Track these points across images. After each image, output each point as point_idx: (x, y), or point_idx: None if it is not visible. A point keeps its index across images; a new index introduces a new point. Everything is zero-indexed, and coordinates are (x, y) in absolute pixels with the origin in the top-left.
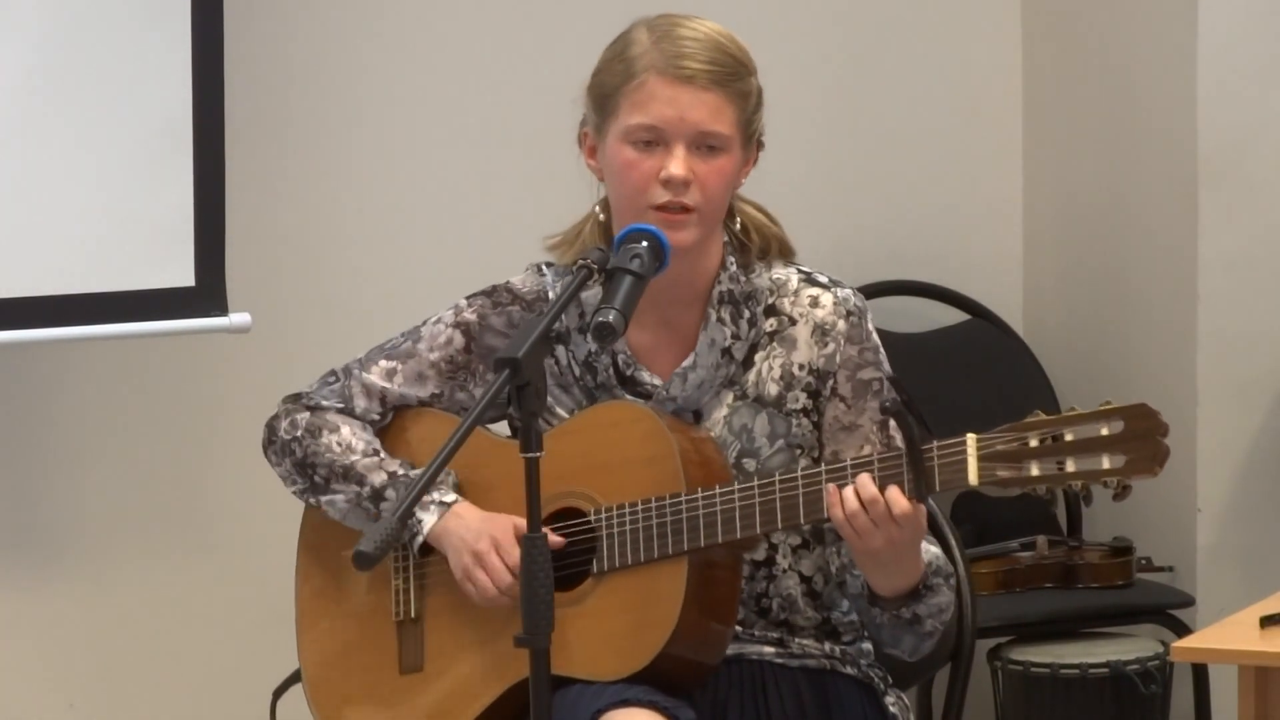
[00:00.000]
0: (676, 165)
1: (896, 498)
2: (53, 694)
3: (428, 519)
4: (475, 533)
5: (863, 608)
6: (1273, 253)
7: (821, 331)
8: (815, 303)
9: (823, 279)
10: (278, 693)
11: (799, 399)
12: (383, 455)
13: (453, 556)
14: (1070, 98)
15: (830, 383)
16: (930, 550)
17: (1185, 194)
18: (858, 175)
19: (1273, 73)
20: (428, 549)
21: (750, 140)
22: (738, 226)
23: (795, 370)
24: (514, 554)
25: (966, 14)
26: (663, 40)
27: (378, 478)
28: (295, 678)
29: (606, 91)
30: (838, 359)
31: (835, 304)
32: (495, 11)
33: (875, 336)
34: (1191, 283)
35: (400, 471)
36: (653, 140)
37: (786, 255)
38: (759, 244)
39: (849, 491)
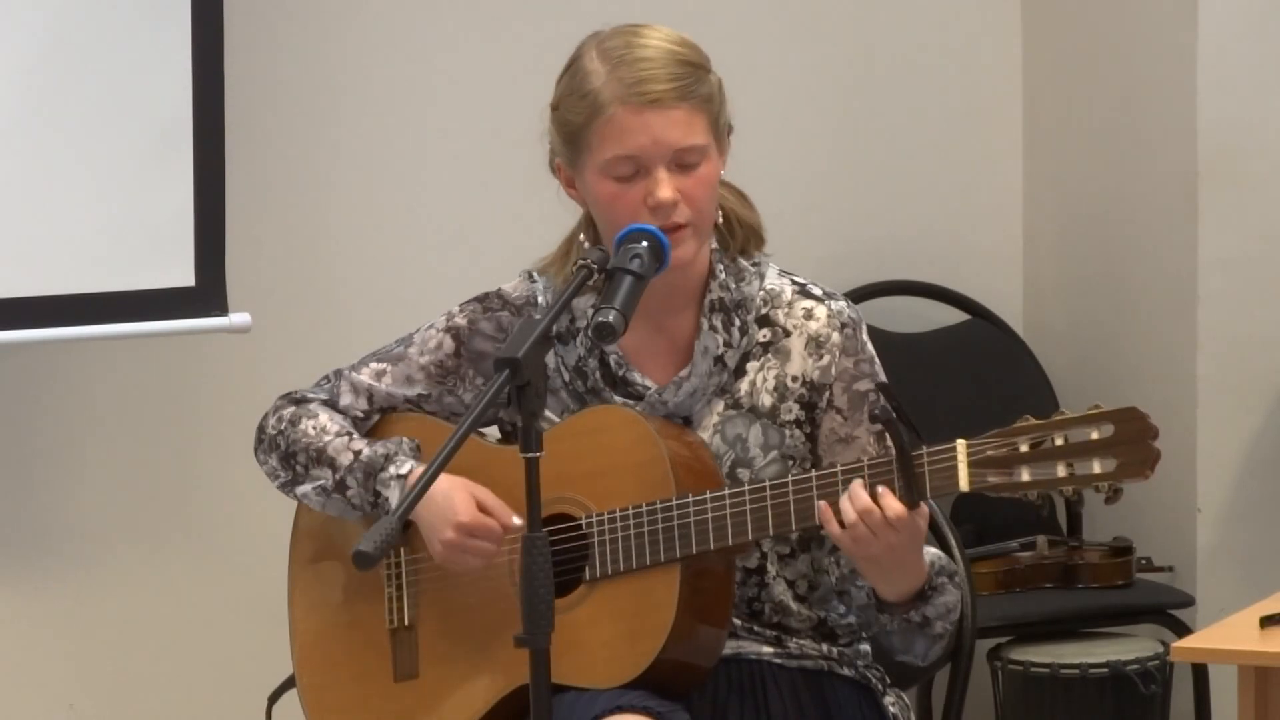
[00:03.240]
0: (662, 190)
1: (891, 503)
2: (53, 694)
3: (392, 495)
4: (441, 519)
5: (871, 617)
6: (1273, 253)
7: (816, 344)
8: (809, 315)
9: (817, 291)
10: (273, 697)
11: (792, 410)
12: (353, 435)
13: (426, 540)
14: (1070, 98)
15: (826, 395)
16: (931, 551)
17: (1185, 194)
18: (858, 175)
19: (1273, 73)
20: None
21: (723, 134)
22: (720, 220)
23: (789, 382)
24: (486, 526)
25: (966, 14)
26: (619, 66)
27: (344, 459)
28: (291, 682)
29: (573, 129)
30: (833, 371)
31: (829, 316)
32: (497, 13)
33: (870, 348)
34: (1191, 283)
35: (363, 449)
36: (633, 170)
37: (758, 245)
38: (740, 236)
39: (844, 503)
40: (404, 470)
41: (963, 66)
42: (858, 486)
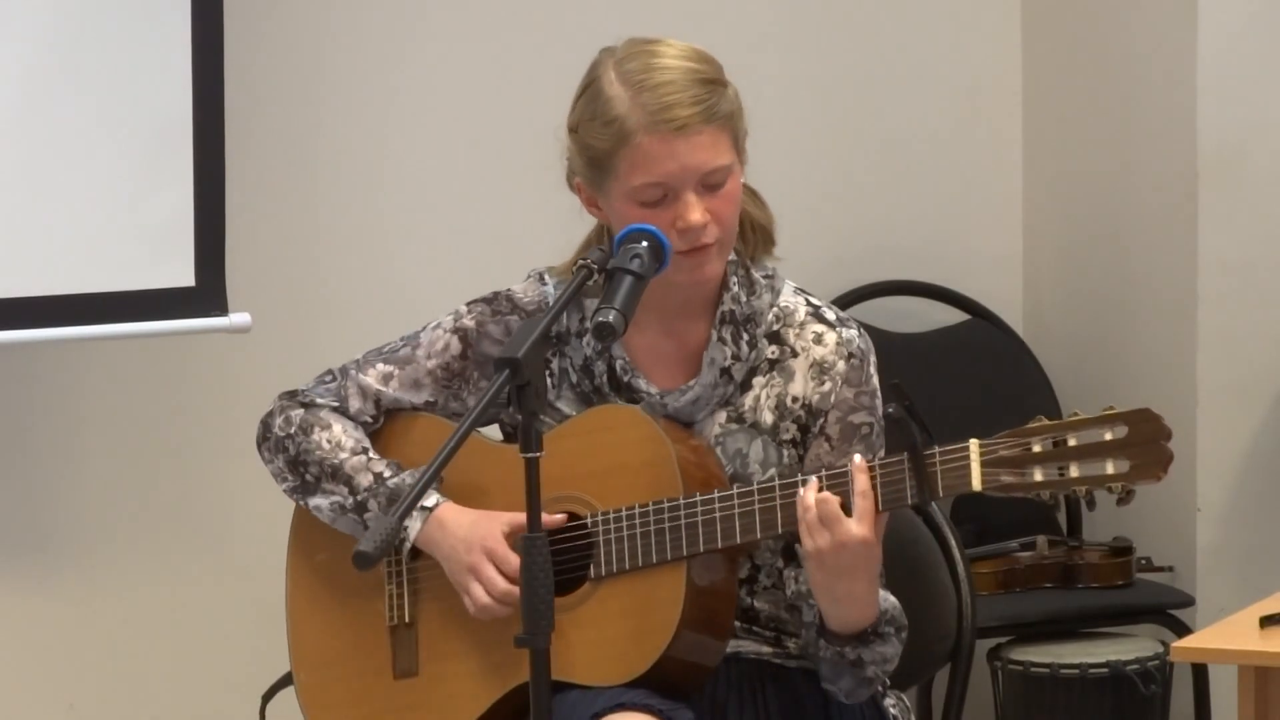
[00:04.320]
0: (693, 214)
1: (859, 501)
2: (53, 694)
3: (413, 526)
4: (465, 543)
5: (810, 639)
6: (1273, 253)
7: (820, 369)
8: (819, 339)
9: (830, 316)
10: (267, 696)
11: (789, 430)
12: (371, 455)
13: (446, 566)
14: (1070, 98)
15: (820, 421)
16: (888, 599)
17: (1185, 194)
18: (858, 175)
19: (1273, 73)
20: (419, 552)
21: (743, 145)
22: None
23: (789, 402)
24: (509, 560)
25: (966, 14)
26: (641, 92)
27: (363, 479)
28: (285, 681)
29: (597, 155)
30: (832, 399)
31: (838, 344)
32: (498, 12)
33: (875, 381)
34: (1191, 283)
35: (386, 474)
36: (661, 195)
37: (768, 247)
38: (753, 240)
39: (805, 493)
40: (429, 503)
41: (963, 66)
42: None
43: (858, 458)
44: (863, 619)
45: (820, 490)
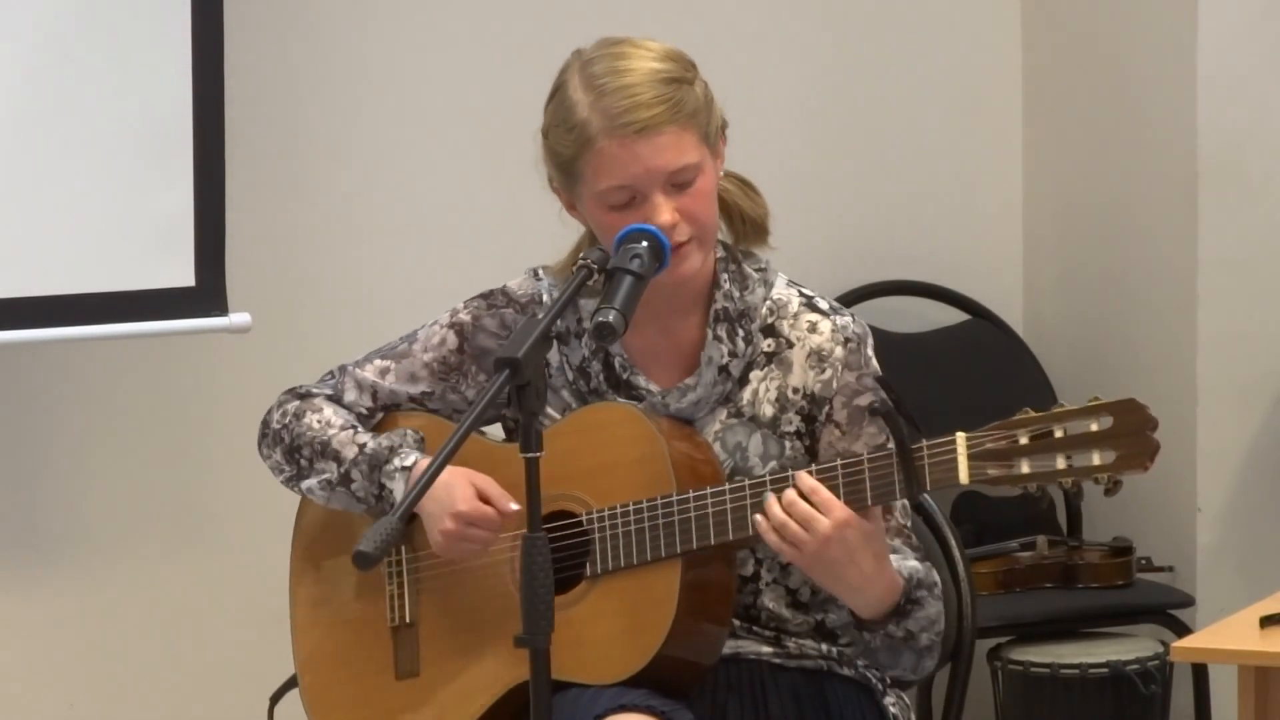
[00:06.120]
0: (661, 215)
1: (822, 494)
2: (53, 694)
3: (396, 488)
4: (442, 509)
5: (855, 636)
6: (1273, 253)
7: (818, 357)
8: (814, 329)
9: (823, 305)
10: (275, 697)
11: (792, 421)
12: (357, 429)
13: (427, 522)
14: (1070, 98)
15: (826, 409)
16: (908, 564)
17: (1185, 194)
18: (857, 175)
19: (1273, 73)
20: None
21: (715, 140)
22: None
23: (789, 393)
24: (490, 486)
25: (966, 14)
26: (602, 96)
27: (349, 452)
28: (293, 682)
29: (563, 161)
30: (834, 385)
31: (834, 331)
32: (497, 12)
33: (875, 364)
34: (1191, 283)
35: (368, 443)
36: (629, 198)
37: (761, 239)
38: (743, 231)
39: (770, 505)
40: (408, 462)
41: (963, 66)
42: (789, 491)
43: (805, 475)
44: (889, 594)
45: (786, 497)
